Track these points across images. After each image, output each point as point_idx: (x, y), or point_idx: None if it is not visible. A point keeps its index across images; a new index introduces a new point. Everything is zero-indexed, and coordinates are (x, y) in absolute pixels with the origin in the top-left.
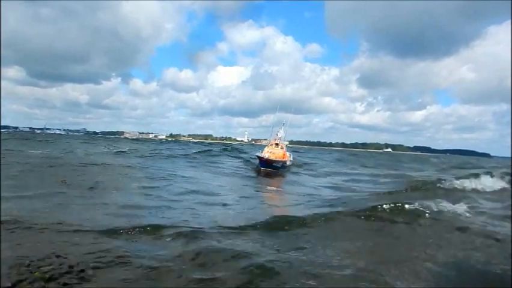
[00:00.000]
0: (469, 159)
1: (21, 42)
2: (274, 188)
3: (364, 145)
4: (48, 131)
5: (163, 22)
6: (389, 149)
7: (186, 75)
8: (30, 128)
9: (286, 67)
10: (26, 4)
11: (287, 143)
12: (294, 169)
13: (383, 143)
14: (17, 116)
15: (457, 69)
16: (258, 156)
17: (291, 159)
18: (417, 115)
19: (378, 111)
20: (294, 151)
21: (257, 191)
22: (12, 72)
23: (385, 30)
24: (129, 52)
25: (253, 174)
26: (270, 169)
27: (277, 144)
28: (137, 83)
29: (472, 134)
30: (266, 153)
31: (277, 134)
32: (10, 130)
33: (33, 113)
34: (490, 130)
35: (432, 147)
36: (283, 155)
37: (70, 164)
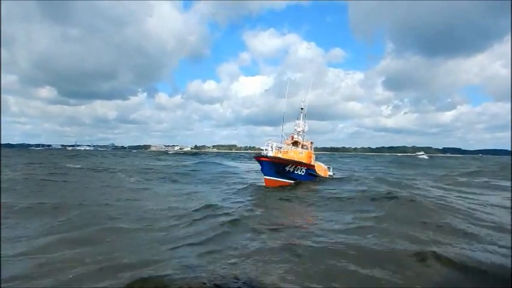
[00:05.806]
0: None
1: (52, 63)
2: None
3: (391, 149)
4: (78, 148)
5: (186, 35)
6: (422, 152)
7: (210, 86)
8: (62, 145)
9: (309, 73)
10: (54, 25)
11: (311, 142)
12: None
13: (410, 146)
14: (49, 134)
15: (489, 65)
16: (255, 157)
17: (331, 173)
18: (447, 116)
19: (405, 113)
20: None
21: None
22: (44, 92)
23: (412, 30)
24: (154, 67)
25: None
26: (281, 179)
27: (296, 142)
28: (162, 97)
29: (505, 133)
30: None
31: (295, 128)
32: (43, 148)
33: (64, 130)
34: None
35: (463, 148)
36: (308, 156)
37: None
